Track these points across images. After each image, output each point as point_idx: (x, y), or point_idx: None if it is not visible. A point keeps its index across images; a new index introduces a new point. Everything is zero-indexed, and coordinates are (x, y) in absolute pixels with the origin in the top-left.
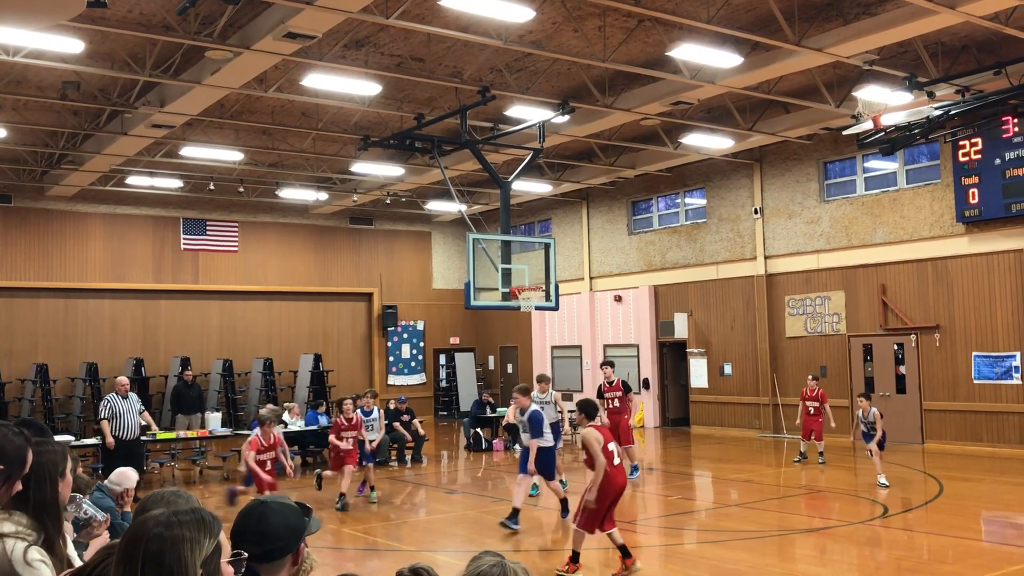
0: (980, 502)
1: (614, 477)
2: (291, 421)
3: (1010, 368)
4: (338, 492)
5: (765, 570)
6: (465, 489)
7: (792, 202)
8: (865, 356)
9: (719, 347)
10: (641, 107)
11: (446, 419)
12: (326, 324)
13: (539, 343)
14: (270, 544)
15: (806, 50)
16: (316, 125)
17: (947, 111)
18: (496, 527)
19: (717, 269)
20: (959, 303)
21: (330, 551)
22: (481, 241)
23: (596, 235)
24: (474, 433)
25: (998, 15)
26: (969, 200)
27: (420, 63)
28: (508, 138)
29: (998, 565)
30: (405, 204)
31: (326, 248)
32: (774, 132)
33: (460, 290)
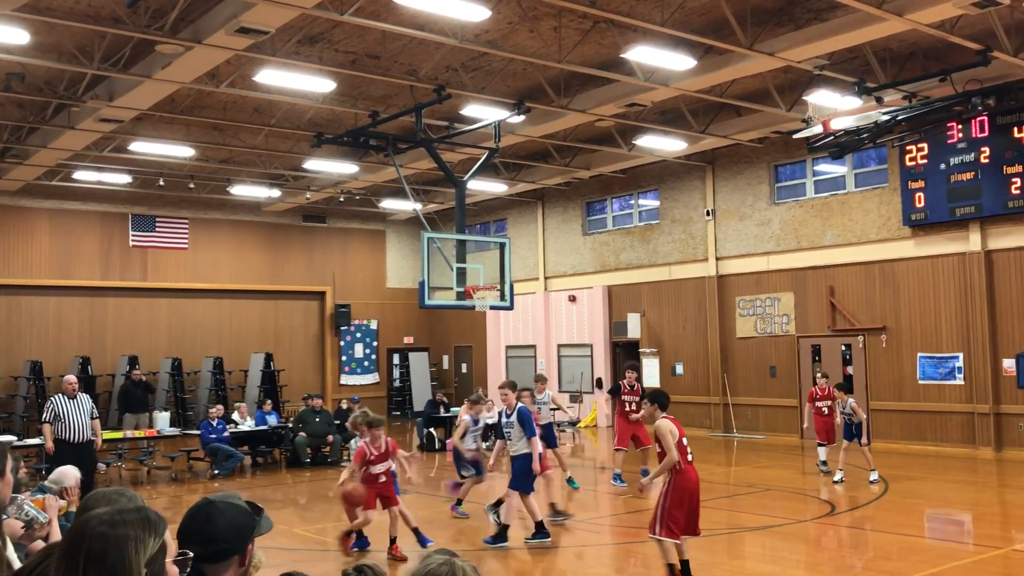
0: (924, 500)
1: (688, 473)
2: (240, 421)
3: (953, 369)
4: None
5: (715, 568)
6: (417, 489)
7: (743, 204)
8: (814, 357)
9: (671, 347)
10: (596, 108)
11: (399, 419)
12: (278, 323)
13: (493, 343)
14: (216, 545)
15: (758, 54)
16: (269, 121)
17: (894, 116)
18: (449, 524)
19: (670, 270)
20: (905, 305)
21: (282, 552)
22: (436, 240)
23: (551, 235)
24: (427, 433)
25: (944, 23)
26: (915, 204)
27: (375, 60)
28: (463, 137)
29: (940, 561)
30: (359, 202)
31: (278, 246)
32: (726, 135)
33: (414, 289)
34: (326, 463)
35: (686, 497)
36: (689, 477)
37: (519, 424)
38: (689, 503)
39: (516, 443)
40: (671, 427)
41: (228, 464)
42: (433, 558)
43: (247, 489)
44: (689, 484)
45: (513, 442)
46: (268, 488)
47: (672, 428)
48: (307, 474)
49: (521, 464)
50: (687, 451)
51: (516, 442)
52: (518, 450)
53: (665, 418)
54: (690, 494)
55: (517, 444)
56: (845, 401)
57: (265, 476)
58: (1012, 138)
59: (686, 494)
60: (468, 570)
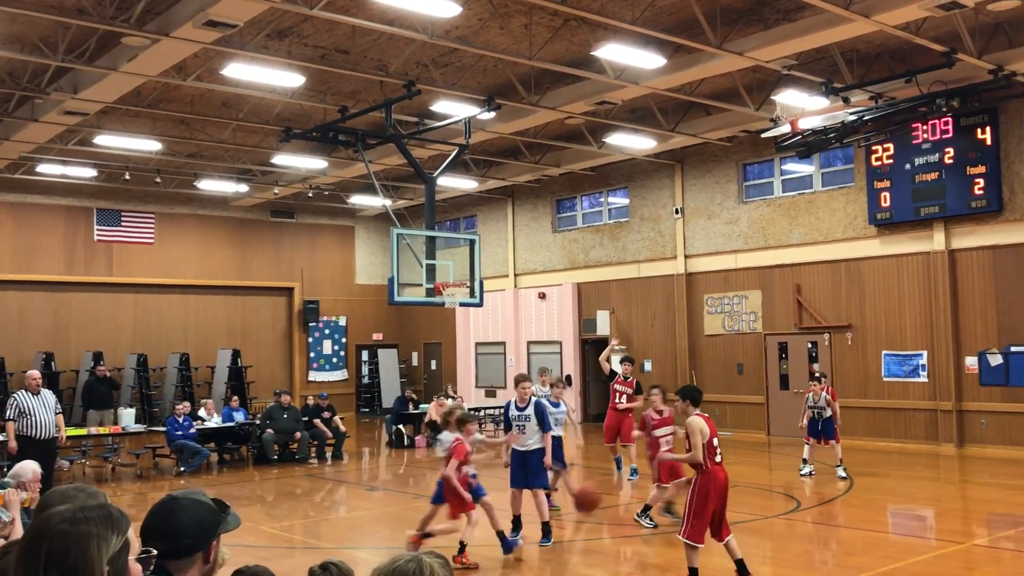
0: (888, 496)
1: (715, 474)
2: (207, 417)
3: (917, 366)
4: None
5: (682, 564)
6: (387, 486)
7: (712, 203)
8: (780, 354)
9: (640, 344)
10: (566, 106)
11: (368, 416)
12: (245, 319)
13: (463, 339)
14: (179, 541)
15: (727, 53)
16: (237, 115)
17: (861, 117)
18: (415, 524)
19: (639, 268)
20: (870, 303)
21: (248, 549)
22: (405, 236)
23: (521, 232)
24: (396, 430)
25: (910, 25)
26: (881, 203)
27: (344, 55)
28: (433, 133)
29: (903, 556)
30: (328, 198)
31: (246, 241)
32: (695, 134)
33: (383, 285)
34: (293, 460)
35: (712, 499)
36: (715, 478)
37: (536, 418)
38: (715, 505)
39: (531, 436)
40: (702, 425)
41: (194, 461)
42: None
43: (213, 486)
44: (715, 485)
45: (528, 435)
46: (235, 485)
47: (703, 427)
48: (274, 471)
49: (538, 459)
50: (716, 451)
51: (531, 436)
52: (532, 444)
53: (698, 415)
54: (716, 495)
55: (533, 438)
56: (819, 394)
57: (232, 473)
58: (975, 139)
59: (712, 495)
60: (436, 567)
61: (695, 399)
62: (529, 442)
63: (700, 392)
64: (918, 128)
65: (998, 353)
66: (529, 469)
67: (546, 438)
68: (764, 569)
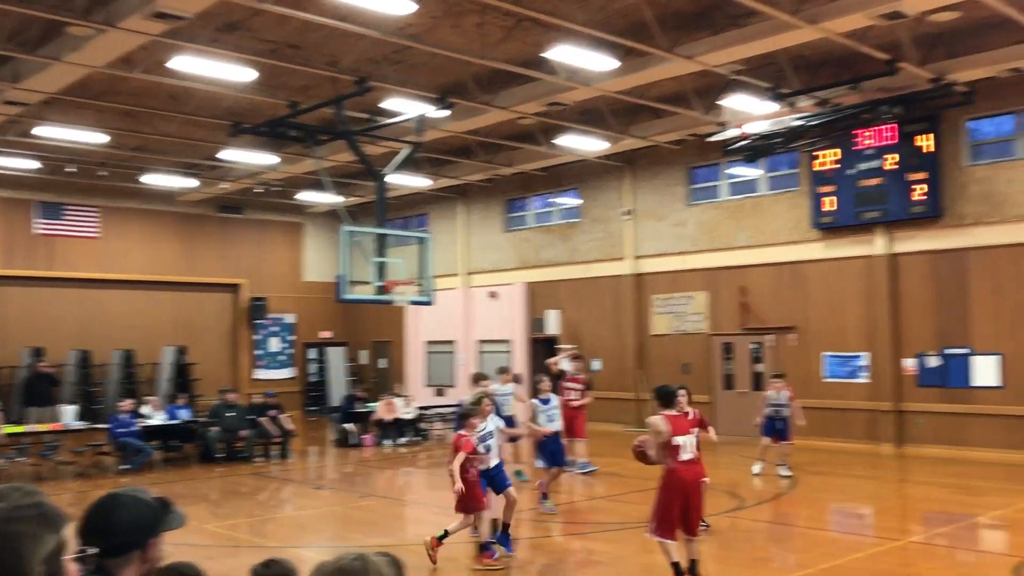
0: (829, 494)
1: (677, 472)
2: (151, 415)
3: (858, 368)
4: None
5: (626, 561)
6: (333, 485)
7: (661, 205)
8: (725, 354)
9: (589, 344)
10: (518, 106)
11: (316, 415)
12: (191, 315)
13: (413, 338)
14: (115, 538)
15: (677, 58)
16: (185, 109)
17: (806, 122)
18: (364, 523)
19: (589, 268)
20: (813, 305)
21: (192, 548)
22: (355, 234)
23: (472, 231)
24: (343, 428)
25: (854, 33)
26: (824, 208)
27: (296, 50)
28: (385, 131)
29: (843, 553)
30: (277, 194)
31: (192, 237)
32: (645, 136)
33: (332, 283)
34: (239, 458)
35: (676, 496)
36: (679, 476)
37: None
38: (681, 502)
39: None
40: (659, 424)
41: (138, 459)
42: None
43: (157, 484)
44: (678, 483)
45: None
46: (179, 484)
47: (660, 426)
48: (220, 469)
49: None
50: (679, 450)
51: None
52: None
53: (662, 415)
54: (681, 493)
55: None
56: (780, 391)
57: (176, 471)
58: (916, 146)
59: (676, 493)
60: (382, 565)
61: (662, 399)
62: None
63: (669, 393)
64: (861, 134)
65: (936, 355)
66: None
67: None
68: (708, 566)
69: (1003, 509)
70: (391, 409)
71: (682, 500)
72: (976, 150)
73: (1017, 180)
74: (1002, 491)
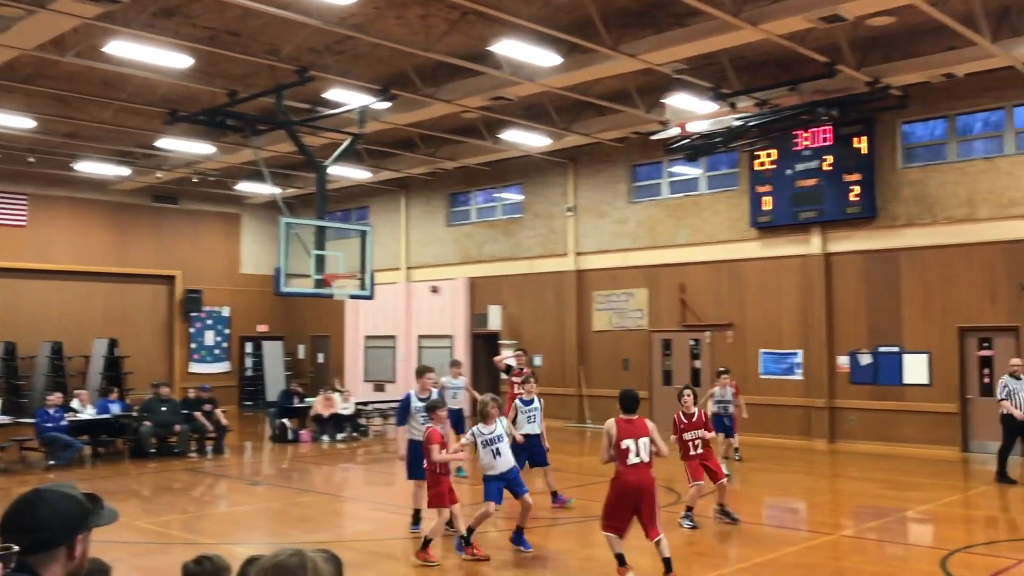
0: (763, 489)
1: (623, 476)
2: (80, 409)
3: (793, 364)
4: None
5: (566, 556)
6: (269, 481)
7: (603, 202)
8: (664, 350)
9: (530, 339)
10: (462, 99)
11: (252, 409)
12: (123, 307)
13: (352, 333)
14: (38, 534)
15: (621, 55)
16: (119, 96)
17: (746, 122)
18: (302, 519)
19: (531, 264)
20: (750, 303)
21: (124, 545)
22: (294, 226)
23: (414, 225)
24: (280, 424)
25: (794, 35)
26: (762, 207)
27: (235, 37)
28: (326, 121)
29: (778, 547)
30: (213, 184)
31: (125, 227)
32: (588, 133)
33: (270, 276)
34: (172, 454)
35: (622, 498)
36: (625, 480)
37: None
38: (630, 505)
39: (421, 427)
40: (608, 428)
41: (66, 454)
42: (284, 549)
43: (87, 480)
44: (623, 487)
45: (419, 425)
46: (110, 479)
47: (609, 429)
48: (152, 465)
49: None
50: (627, 454)
51: (421, 426)
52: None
53: (616, 419)
54: (626, 496)
55: (422, 428)
56: (725, 387)
57: (107, 467)
58: (853, 148)
59: (622, 495)
60: (319, 561)
61: (623, 404)
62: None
63: (628, 399)
64: (799, 135)
65: (868, 353)
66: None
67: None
68: (643, 560)
69: (930, 504)
70: (329, 404)
71: (631, 503)
72: (909, 153)
73: (948, 183)
74: (930, 486)
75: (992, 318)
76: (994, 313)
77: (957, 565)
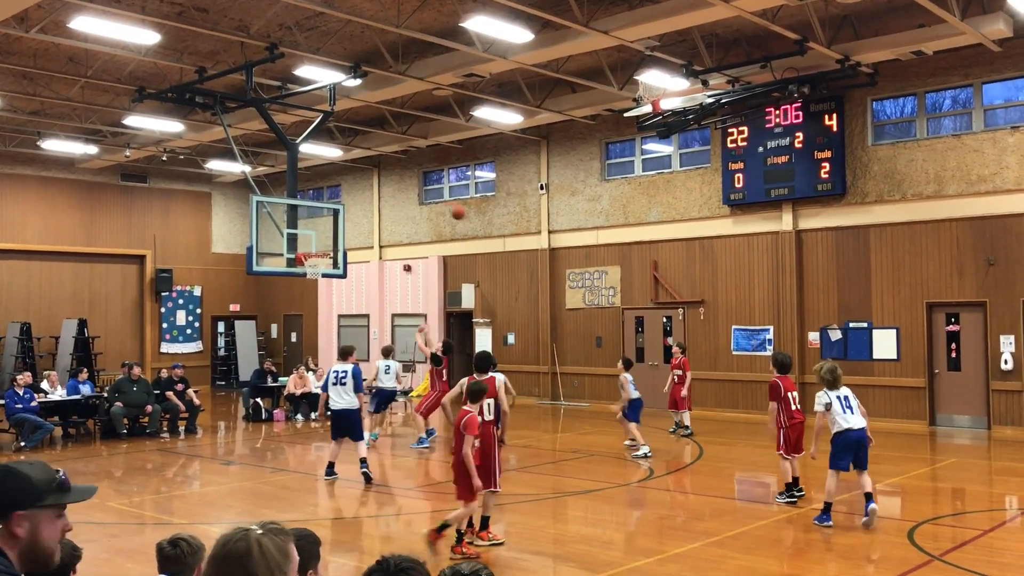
0: (735, 464)
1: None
2: (50, 390)
3: (764, 341)
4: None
5: (540, 531)
6: (243, 460)
7: (576, 180)
8: (637, 328)
9: (503, 317)
10: (434, 76)
11: (224, 389)
12: (93, 287)
13: (325, 311)
14: None
15: (593, 32)
16: (85, 72)
17: (718, 99)
18: (275, 498)
19: (504, 242)
20: (722, 280)
21: (96, 526)
22: (266, 204)
23: (387, 203)
24: (254, 403)
25: (766, 12)
26: (735, 184)
27: (203, 13)
28: (297, 99)
29: (748, 521)
30: (183, 162)
31: (94, 206)
32: (561, 111)
33: (241, 255)
34: (144, 434)
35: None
36: (483, 433)
37: (352, 379)
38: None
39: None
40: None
41: (36, 436)
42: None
43: (57, 461)
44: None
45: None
46: (81, 460)
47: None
48: (124, 446)
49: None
50: (485, 411)
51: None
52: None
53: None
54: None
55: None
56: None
57: (78, 448)
58: (823, 125)
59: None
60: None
61: (478, 365)
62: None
63: (481, 358)
64: (771, 113)
65: (838, 329)
66: (350, 423)
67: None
68: (616, 535)
69: (899, 476)
70: (303, 383)
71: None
72: (879, 130)
73: (917, 160)
74: (899, 459)
75: (959, 294)
76: (961, 289)
77: (924, 536)
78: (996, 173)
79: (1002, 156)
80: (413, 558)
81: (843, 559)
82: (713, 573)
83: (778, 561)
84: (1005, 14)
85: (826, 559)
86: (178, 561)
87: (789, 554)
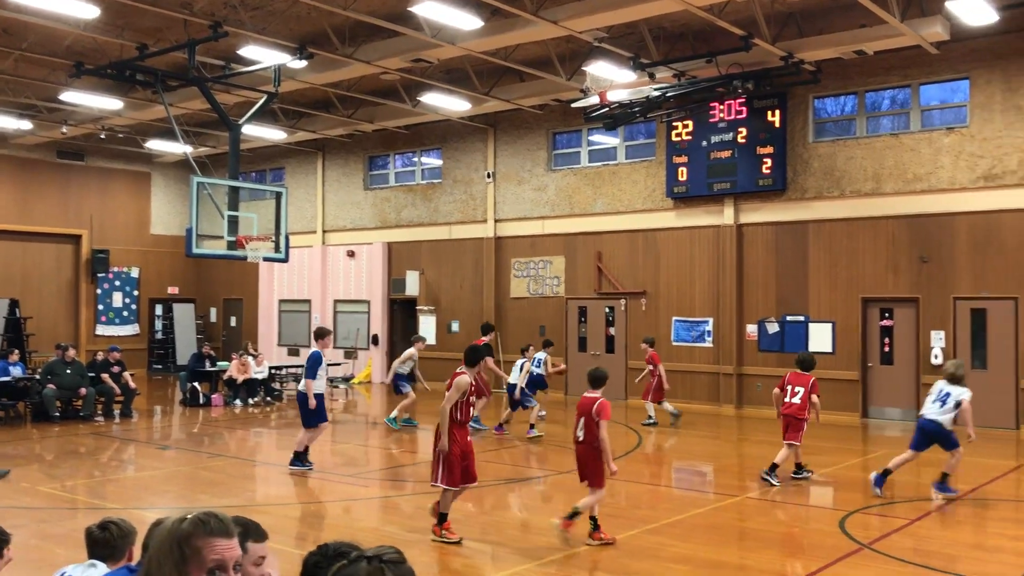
0: (672, 453)
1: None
2: None
3: (704, 332)
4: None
5: (476, 518)
6: (179, 445)
7: (522, 169)
8: (580, 317)
9: (448, 305)
10: (381, 60)
11: (161, 373)
12: (26, 266)
13: (266, 296)
14: None
15: (542, 21)
16: (20, 45)
17: (664, 93)
18: (212, 483)
19: (450, 229)
20: (664, 272)
21: (26, 511)
22: (207, 186)
23: (331, 188)
24: (191, 387)
25: (713, 7)
26: (678, 178)
27: None
28: (241, 79)
29: (685, 509)
30: (122, 141)
31: (28, 183)
32: (509, 99)
33: (181, 236)
34: (78, 417)
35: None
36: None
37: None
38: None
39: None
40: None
41: None
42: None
43: None
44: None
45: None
46: (10, 444)
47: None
48: (56, 429)
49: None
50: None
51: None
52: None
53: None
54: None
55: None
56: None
57: (7, 431)
58: (766, 121)
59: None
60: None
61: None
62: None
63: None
64: (715, 108)
65: (775, 322)
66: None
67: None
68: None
69: (833, 467)
70: (244, 369)
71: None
72: (820, 128)
73: (856, 157)
74: (832, 450)
75: (894, 289)
76: (896, 284)
77: (855, 525)
78: (931, 172)
79: (937, 156)
80: (351, 543)
81: (777, 547)
82: (649, 560)
83: (714, 548)
84: (943, 17)
85: (760, 547)
86: (107, 544)
87: (724, 542)
